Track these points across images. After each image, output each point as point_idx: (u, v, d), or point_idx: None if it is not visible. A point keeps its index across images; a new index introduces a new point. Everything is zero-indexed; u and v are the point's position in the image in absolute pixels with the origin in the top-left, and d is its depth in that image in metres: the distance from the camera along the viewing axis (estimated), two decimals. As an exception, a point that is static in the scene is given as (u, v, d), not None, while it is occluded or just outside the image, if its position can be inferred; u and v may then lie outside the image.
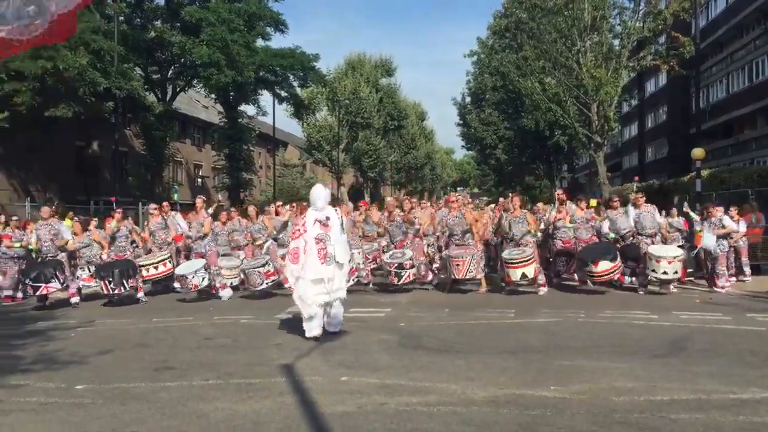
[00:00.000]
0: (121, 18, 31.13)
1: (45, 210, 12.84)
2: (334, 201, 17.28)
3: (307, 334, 8.06)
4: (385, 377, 6.09)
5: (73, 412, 5.24)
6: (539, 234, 13.55)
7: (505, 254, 12.35)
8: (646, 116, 51.99)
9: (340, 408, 5.15)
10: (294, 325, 8.84)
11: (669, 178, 28.84)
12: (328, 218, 8.15)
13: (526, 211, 13.30)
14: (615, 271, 12.09)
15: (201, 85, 37.24)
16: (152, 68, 35.75)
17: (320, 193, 8.32)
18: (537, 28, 28.76)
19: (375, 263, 13.67)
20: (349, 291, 9.23)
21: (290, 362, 6.81)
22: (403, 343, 7.91)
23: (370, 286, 13.40)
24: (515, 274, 12.05)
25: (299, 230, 8.18)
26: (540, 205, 16.31)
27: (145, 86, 34.19)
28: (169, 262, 12.78)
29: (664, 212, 13.96)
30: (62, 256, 12.46)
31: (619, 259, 12.15)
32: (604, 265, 11.90)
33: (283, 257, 11.17)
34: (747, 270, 14.12)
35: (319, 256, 7.97)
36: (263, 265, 12.36)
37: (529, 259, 12.04)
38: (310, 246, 8.02)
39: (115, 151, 30.46)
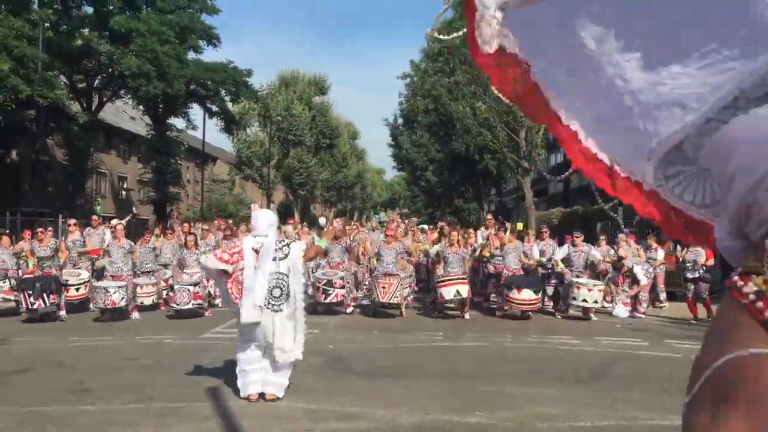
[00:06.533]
0: (47, 24, 30.11)
1: None
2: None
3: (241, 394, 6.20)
4: (313, 402, 6.02)
5: (-18, 438, 4.99)
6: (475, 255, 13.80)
7: (440, 272, 12.50)
8: (572, 144, 53.51)
9: (266, 434, 5.06)
10: (220, 346, 8.65)
11: (592, 205, 29.66)
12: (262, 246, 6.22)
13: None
14: (536, 303, 12.43)
15: (129, 96, 36.34)
16: (78, 77, 34.58)
17: (260, 216, 6.53)
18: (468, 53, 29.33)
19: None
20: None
21: (215, 385, 6.63)
22: (331, 366, 7.84)
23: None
24: (449, 292, 12.11)
25: (236, 254, 6.19)
26: (471, 231, 16.54)
27: (70, 95, 33.13)
28: (87, 286, 12.58)
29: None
30: None
31: (541, 294, 12.61)
32: (527, 294, 12.18)
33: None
34: (663, 296, 14.61)
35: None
36: (194, 285, 12.13)
37: (462, 278, 12.20)
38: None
39: (35, 160, 29.35)
